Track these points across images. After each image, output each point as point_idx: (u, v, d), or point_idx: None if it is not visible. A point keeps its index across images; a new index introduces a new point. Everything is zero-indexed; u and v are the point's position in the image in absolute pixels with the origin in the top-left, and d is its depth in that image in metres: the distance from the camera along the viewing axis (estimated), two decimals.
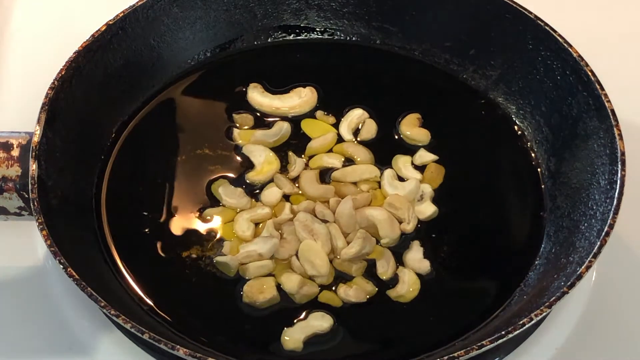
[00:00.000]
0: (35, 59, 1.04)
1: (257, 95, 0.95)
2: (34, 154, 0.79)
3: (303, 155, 0.91)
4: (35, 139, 0.80)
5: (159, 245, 0.85)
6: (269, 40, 1.01)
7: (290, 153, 0.91)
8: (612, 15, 1.12)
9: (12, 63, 1.05)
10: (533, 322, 0.72)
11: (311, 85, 0.96)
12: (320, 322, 0.80)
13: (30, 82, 0.97)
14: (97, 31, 0.89)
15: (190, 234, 0.86)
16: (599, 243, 0.76)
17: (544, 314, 0.73)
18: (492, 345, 0.71)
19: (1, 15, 1.09)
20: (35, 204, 0.77)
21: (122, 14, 0.91)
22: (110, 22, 0.90)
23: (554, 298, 0.73)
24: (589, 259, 0.75)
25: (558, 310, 0.85)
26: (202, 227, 0.86)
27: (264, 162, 0.90)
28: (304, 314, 0.81)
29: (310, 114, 0.94)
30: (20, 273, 0.88)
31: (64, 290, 0.86)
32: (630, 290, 0.88)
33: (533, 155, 0.92)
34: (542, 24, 0.91)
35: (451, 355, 0.70)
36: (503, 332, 0.71)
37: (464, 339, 0.79)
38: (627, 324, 0.86)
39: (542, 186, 0.89)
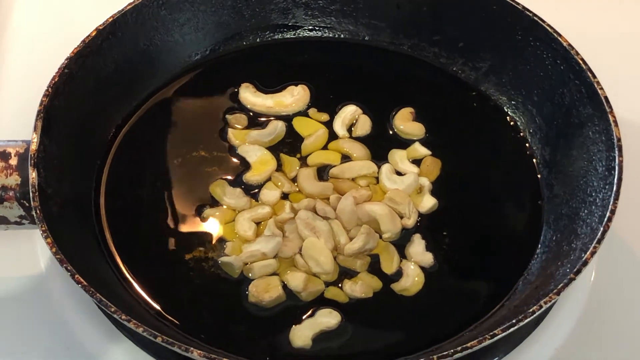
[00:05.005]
0: (29, 67, 1.04)
1: (249, 95, 0.95)
2: (32, 161, 0.79)
3: (299, 154, 0.91)
4: (33, 146, 0.80)
5: (161, 248, 0.85)
6: (258, 40, 1.01)
7: (282, 155, 0.91)
8: (612, 15, 1.12)
9: (5, 71, 1.04)
10: (542, 309, 0.73)
11: (303, 83, 0.96)
12: (327, 318, 0.80)
13: (23, 90, 0.97)
14: (87, 37, 0.89)
15: (192, 236, 0.86)
16: (602, 229, 0.77)
17: (553, 301, 0.73)
18: (503, 334, 0.71)
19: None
20: (38, 212, 0.77)
21: (111, 19, 0.91)
22: (100, 27, 0.90)
23: (561, 285, 0.74)
24: (593, 244, 0.76)
25: (557, 310, 0.85)
26: (203, 229, 0.86)
27: (260, 161, 0.90)
28: (311, 311, 0.81)
29: (304, 112, 0.94)
30: (21, 283, 0.87)
31: (67, 299, 0.85)
32: (629, 290, 0.88)
33: (527, 145, 0.92)
34: (530, 14, 0.91)
35: (464, 346, 0.70)
36: (514, 321, 0.72)
37: (472, 329, 0.80)
38: (626, 324, 0.86)
39: (538, 175, 0.90)
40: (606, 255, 0.87)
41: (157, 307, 0.82)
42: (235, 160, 0.91)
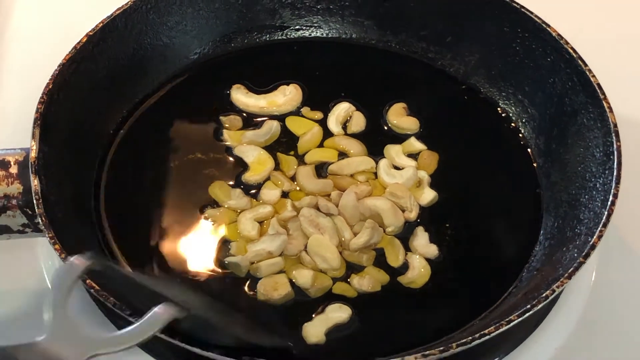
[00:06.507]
0: (28, 70, 1.03)
1: (241, 96, 0.95)
2: (33, 169, 0.78)
3: (292, 151, 0.91)
4: (33, 154, 0.79)
5: (164, 251, 0.85)
6: (246, 41, 1.01)
7: (279, 154, 0.91)
8: (612, 14, 1.12)
9: (3, 74, 1.04)
10: (555, 294, 0.73)
11: (294, 83, 0.96)
12: (339, 313, 0.80)
13: (22, 94, 0.96)
14: (78, 42, 0.88)
15: (195, 238, 0.85)
16: (606, 213, 0.78)
17: (564, 286, 0.74)
18: (519, 319, 0.72)
19: None
20: (44, 219, 0.76)
21: (101, 24, 0.90)
22: (90, 33, 0.89)
23: (571, 269, 0.74)
24: (599, 228, 0.77)
25: (557, 310, 0.85)
26: (205, 231, 0.86)
27: (257, 161, 0.90)
28: (321, 307, 0.81)
29: (297, 111, 0.95)
30: (23, 293, 0.86)
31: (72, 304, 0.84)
32: (629, 290, 0.88)
33: (521, 135, 0.93)
34: (518, 6, 0.92)
35: (482, 332, 0.71)
36: (529, 306, 0.72)
37: (482, 318, 0.80)
38: (626, 324, 0.86)
39: (534, 164, 0.91)
40: (606, 255, 0.88)
41: None
42: (232, 161, 0.91)
